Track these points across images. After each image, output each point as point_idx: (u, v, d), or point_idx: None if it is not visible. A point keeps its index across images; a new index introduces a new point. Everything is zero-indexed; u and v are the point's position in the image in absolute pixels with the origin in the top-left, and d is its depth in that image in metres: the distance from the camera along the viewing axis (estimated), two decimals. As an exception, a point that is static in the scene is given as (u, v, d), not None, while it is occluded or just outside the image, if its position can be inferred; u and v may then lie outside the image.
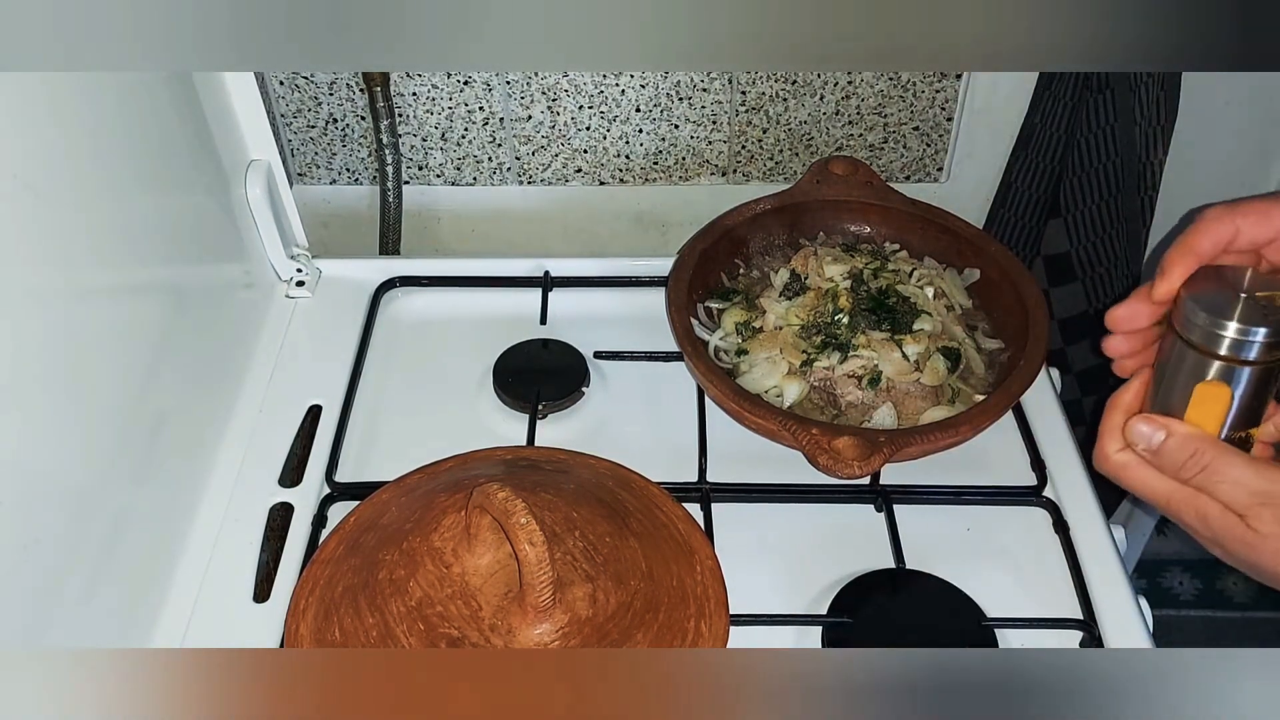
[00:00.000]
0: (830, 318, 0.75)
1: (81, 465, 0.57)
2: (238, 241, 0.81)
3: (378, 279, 0.87)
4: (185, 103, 0.73)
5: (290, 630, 0.58)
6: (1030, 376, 0.71)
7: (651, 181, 1.07)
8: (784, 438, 0.67)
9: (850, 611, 0.64)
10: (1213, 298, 0.50)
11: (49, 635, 0.53)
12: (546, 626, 0.54)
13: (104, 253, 0.61)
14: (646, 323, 0.83)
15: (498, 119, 1.01)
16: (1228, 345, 0.49)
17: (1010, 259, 0.79)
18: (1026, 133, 1.00)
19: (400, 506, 0.63)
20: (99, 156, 0.61)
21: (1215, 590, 1.58)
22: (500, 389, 0.78)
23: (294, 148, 1.04)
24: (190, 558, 0.68)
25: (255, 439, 0.76)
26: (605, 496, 0.63)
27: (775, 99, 1.00)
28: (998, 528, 0.70)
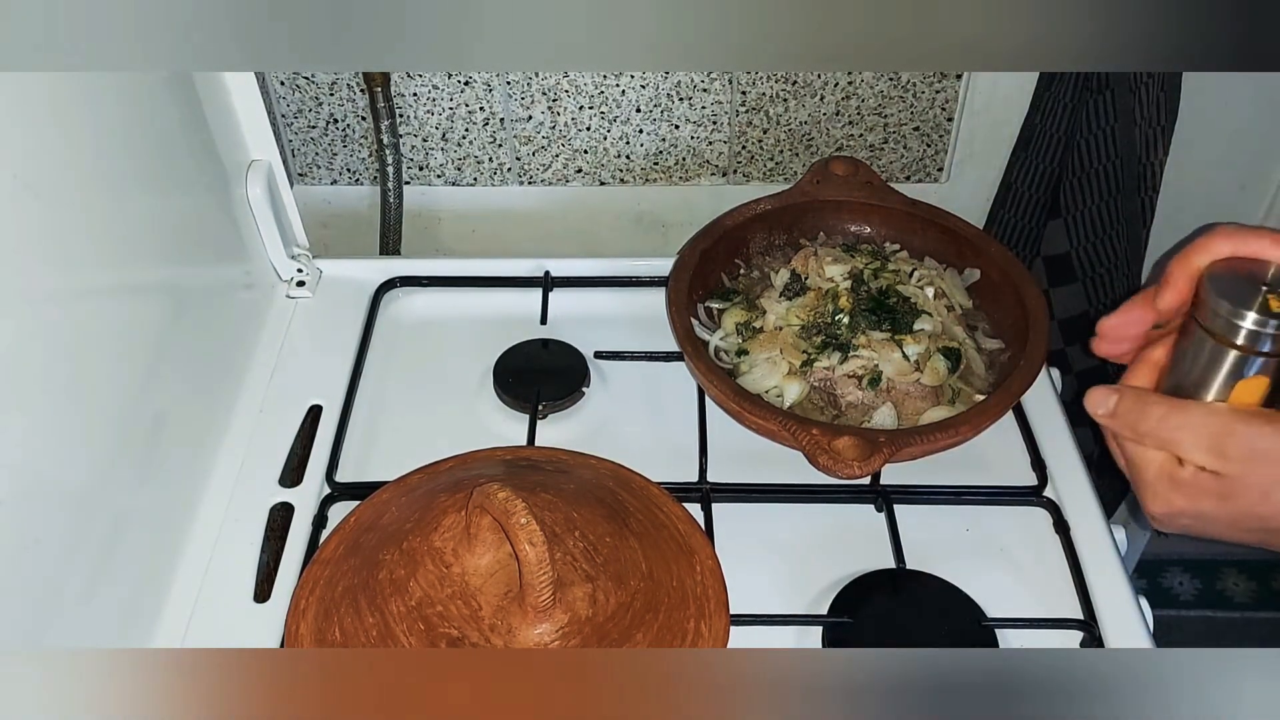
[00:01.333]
0: (830, 318, 0.75)
1: (82, 465, 0.57)
2: (238, 242, 0.81)
3: (378, 279, 0.88)
4: (185, 103, 0.73)
5: (290, 630, 0.58)
6: (1030, 376, 0.71)
7: (652, 182, 1.07)
8: (784, 438, 0.67)
9: (850, 611, 0.64)
10: (1236, 288, 0.51)
11: (49, 635, 0.53)
12: (546, 626, 0.54)
13: (104, 253, 0.61)
14: (646, 323, 0.83)
15: (498, 119, 1.01)
16: (1245, 335, 0.50)
17: (1010, 259, 0.79)
18: (1026, 133, 1.00)
19: (400, 506, 0.63)
20: (99, 157, 0.61)
21: (1215, 590, 1.58)
22: (500, 389, 0.78)
23: (294, 148, 1.04)
24: (190, 558, 0.68)
25: (255, 439, 0.76)
26: (605, 497, 0.63)
27: (775, 99, 1.00)
28: (998, 528, 0.70)
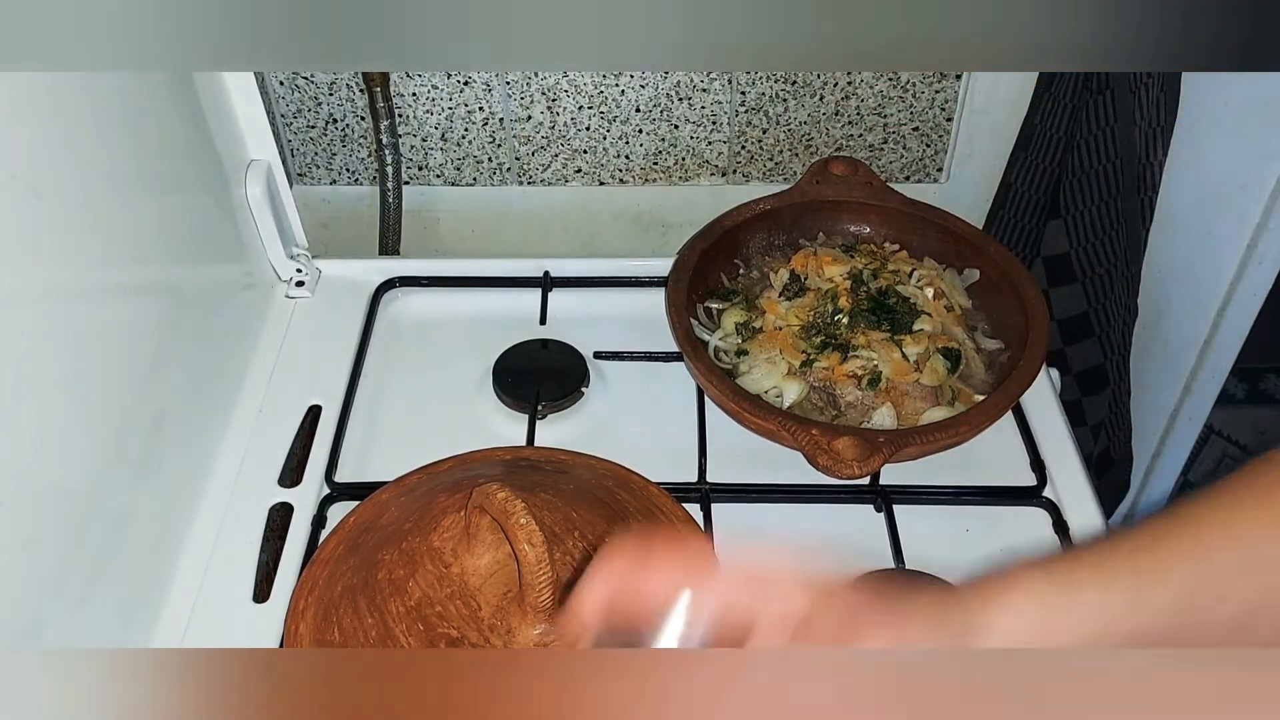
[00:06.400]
0: (830, 318, 0.75)
1: (81, 465, 0.57)
2: (238, 241, 0.81)
3: (377, 279, 0.87)
4: (185, 103, 0.73)
5: (290, 630, 0.58)
6: (1030, 377, 0.71)
7: (651, 182, 1.07)
8: (784, 438, 0.67)
9: (850, 612, 0.64)
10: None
11: (49, 635, 0.53)
12: (546, 627, 0.54)
13: (104, 252, 0.61)
14: (646, 323, 0.83)
15: (497, 119, 1.01)
16: None
17: (1010, 259, 0.79)
18: (1026, 133, 1.00)
19: (400, 506, 0.63)
20: (99, 157, 0.61)
21: (1215, 591, 1.58)
22: (500, 389, 0.78)
23: (294, 148, 1.04)
24: (190, 558, 0.68)
25: (255, 439, 0.75)
26: (605, 497, 0.63)
27: (775, 99, 1.00)
28: (998, 528, 0.70)
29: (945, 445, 0.68)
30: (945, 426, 0.67)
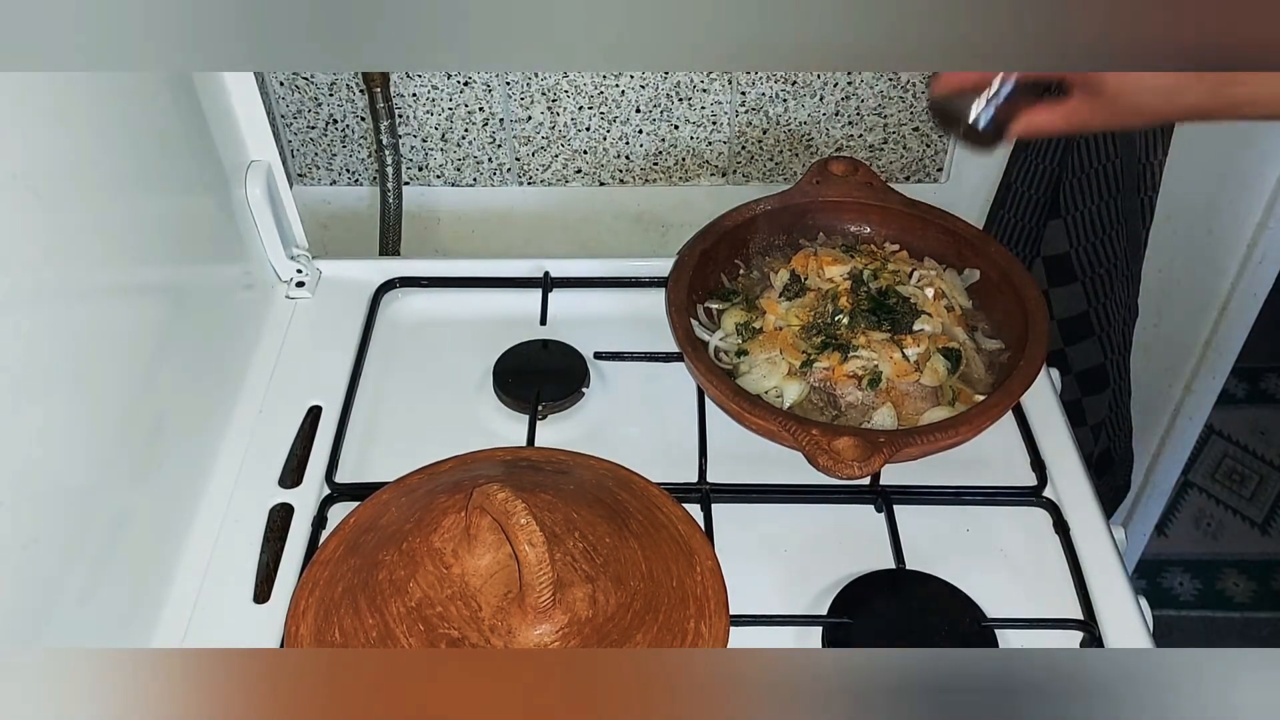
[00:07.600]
0: (830, 318, 0.76)
1: (82, 465, 0.57)
2: (238, 242, 0.81)
3: (378, 280, 0.88)
4: (185, 103, 0.73)
5: (290, 631, 0.58)
6: (1030, 377, 0.71)
7: (651, 182, 1.07)
8: (784, 438, 0.67)
9: (850, 612, 0.64)
10: None
11: (49, 635, 0.53)
12: (546, 627, 0.54)
13: (104, 253, 0.61)
14: (646, 323, 0.83)
15: (498, 120, 1.01)
16: None
17: (1010, 259, 0.79)
18: (1026, 133, 1.00)
19: (400, 507, 0.63)
20: (99, 157, 0.61)
21: (1215, 590, 1.58)
22: (500, 389, 0.78)
23: (294, 148, 1.04)
24: (190, 558, 0.68)
25: (255, 439, 0.76)
26: (605, 497, 0.63)
27: (775, 99, 1.00)
28: (998, 528, 0.70)
29: (945, 445, 0.68)
30: (945, 427, 0.67)
